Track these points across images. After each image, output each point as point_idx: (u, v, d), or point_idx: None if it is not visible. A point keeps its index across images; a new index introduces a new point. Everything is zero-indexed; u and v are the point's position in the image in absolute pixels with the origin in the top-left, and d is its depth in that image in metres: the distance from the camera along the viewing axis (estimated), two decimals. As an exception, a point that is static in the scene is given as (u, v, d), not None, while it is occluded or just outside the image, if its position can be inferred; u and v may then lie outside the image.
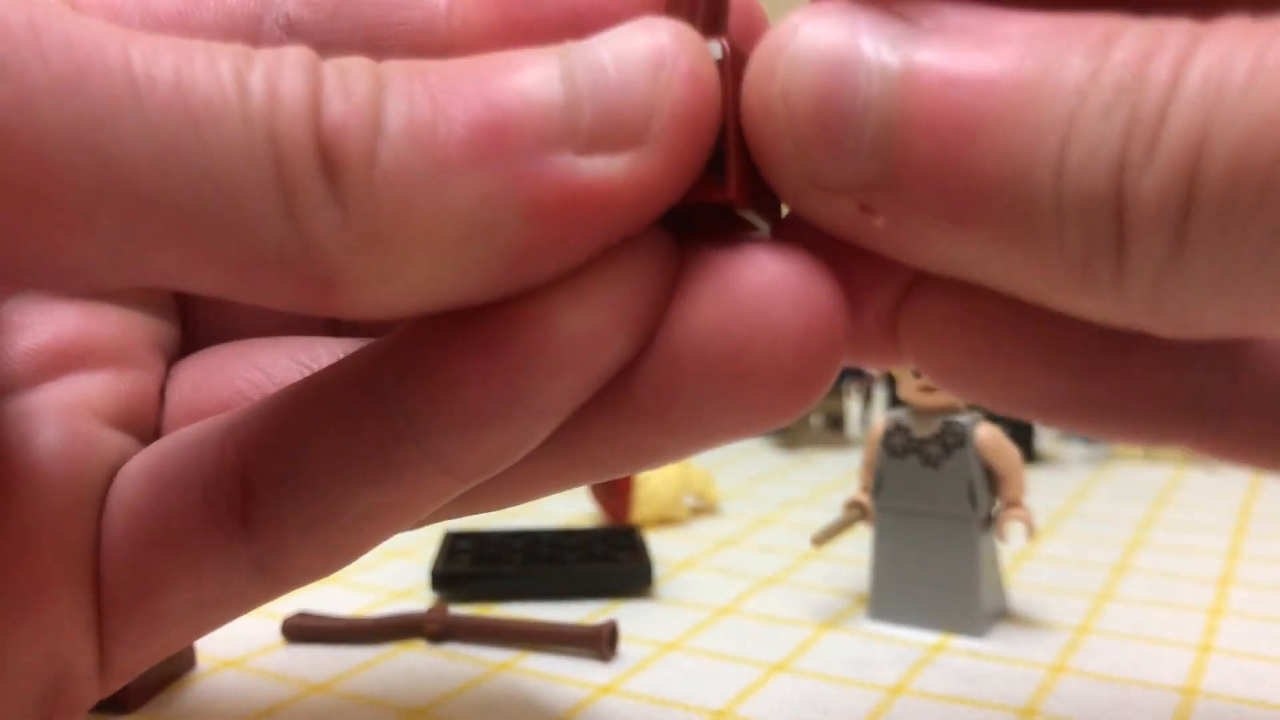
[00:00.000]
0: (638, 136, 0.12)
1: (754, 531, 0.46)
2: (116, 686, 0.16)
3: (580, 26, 0.14)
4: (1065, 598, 0.36)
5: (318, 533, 0.15)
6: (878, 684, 0.30)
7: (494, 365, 0.13)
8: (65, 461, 0.15)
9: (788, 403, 0.13)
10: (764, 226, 0.15)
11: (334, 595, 0.38)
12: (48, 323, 0.17)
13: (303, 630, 0.33)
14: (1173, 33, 0.11)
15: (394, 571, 0.40)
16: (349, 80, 0.12)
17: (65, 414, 0.16)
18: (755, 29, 0.15)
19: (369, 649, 0.33)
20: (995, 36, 0.12)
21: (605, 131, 0.12)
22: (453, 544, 0.40)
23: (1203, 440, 0.15)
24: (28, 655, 0.15)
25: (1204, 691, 0.29)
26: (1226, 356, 0.14)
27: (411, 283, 0.12)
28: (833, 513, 0.36)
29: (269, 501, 0.15)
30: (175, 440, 0.16)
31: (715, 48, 0.13)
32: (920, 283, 0.15)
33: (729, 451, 0.64)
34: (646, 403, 0.14)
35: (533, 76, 0.12)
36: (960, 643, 0.33)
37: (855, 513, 0.36)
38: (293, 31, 0.16)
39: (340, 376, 0.15)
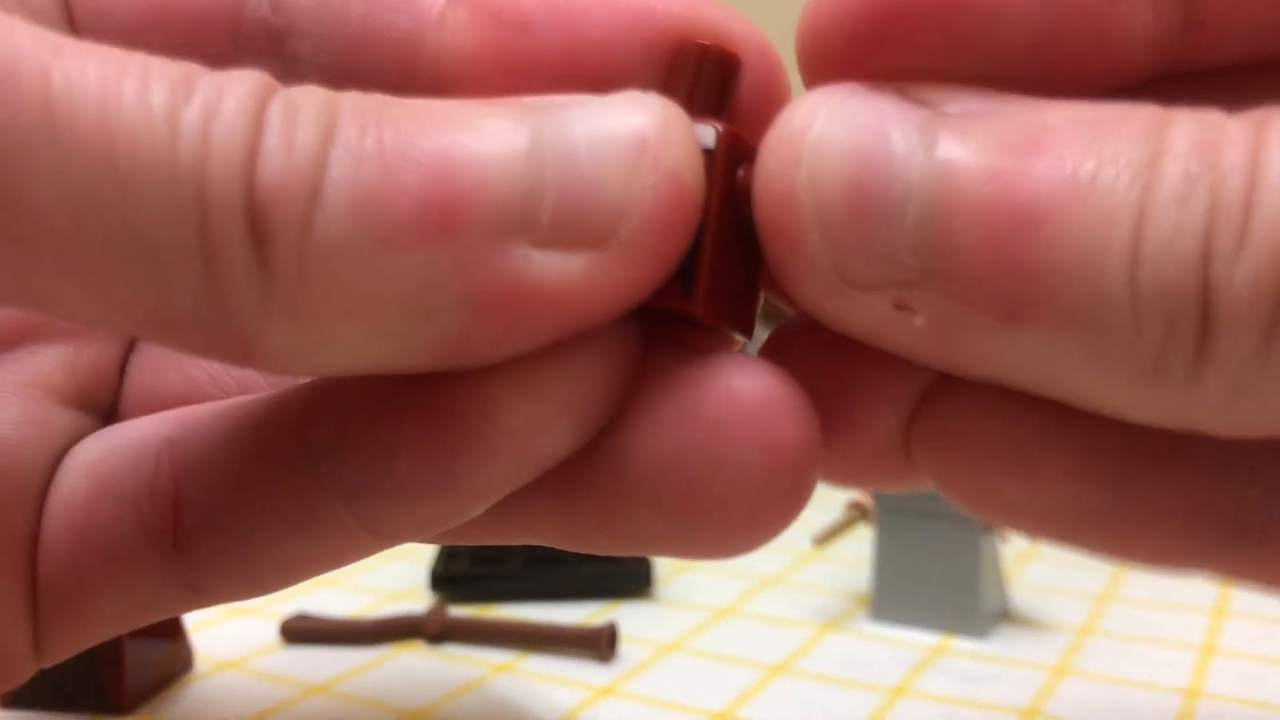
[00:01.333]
0: (602, 238, 0.11)
1: (754, 532, 0.46)
2: (53, 664, 0.16)
3: (575, 65, 0.14)
4: (1067, 599, 0.36)
5: (242, 570, 0.15)
6: (879, 685, 0.30)
7: (428, 443, 0.12)
8: (14, 447, 0.15)
9: (740, 543, 0.13)
10: (739, 338, 0.14)
11: (333, 596, 0.38)
12: None
13: (301, 631, 0.33)
14: (1228, 121, 0.10)
15: (393, 572, 0.40)
16: (294, 131, 0.11)
17: (18, 394, 0.16)
18: (773, 99, 0.14)
19: (368, 650, 0.33)
20: (1034, 123, 0.11)
21: (566, 228, 0.11)
22: (452, 545, 0.39)
23: (1237, 563, 0.14)
24: None
25: (1206, 693, 0.29)
26: (1264, 469, 0.13)
27: (334, 356, 0.11)
28: (834, 513, 0.36)
29: (198, 531, 0.14)
30: (117, 441, 0.16)
31: (707, 133, 0.12)
32: (937, 393, 0.13)
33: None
34: (590, 508, 0.13)
35: (496, 149, 0.11)
36: (962, 644, 0.32)
37: (856, 513, 0.36)
38: (273, 24, 0.15)
39: (273, 418, 0.14)
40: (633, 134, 0.11)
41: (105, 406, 0.17)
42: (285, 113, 0.11)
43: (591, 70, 0.14)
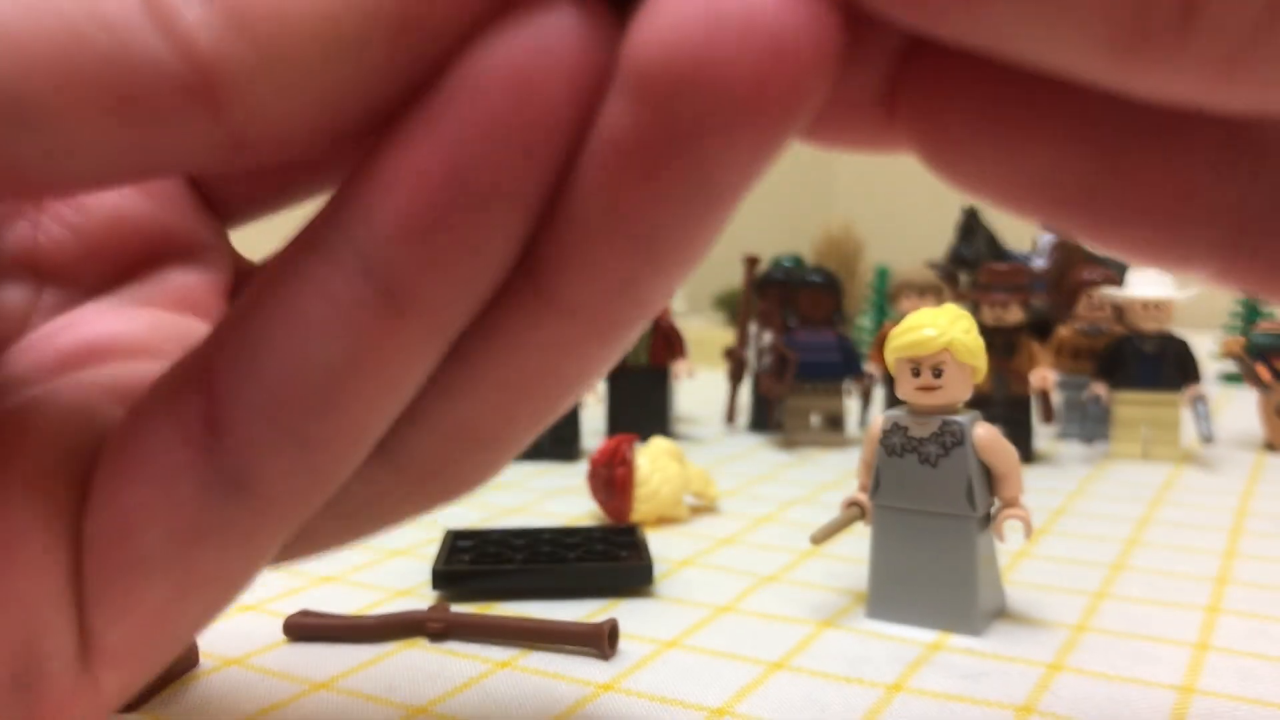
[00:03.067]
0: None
1: (753, 530, 0.46)
2: (111, 685, 0.15)
3: None
4: (1063, 596, 0.37)
5: (285, 419, 0.13)
6: (876, 682, 0.30)
7: (442, 155, 0.12)
8: (58, 423, 0.15)
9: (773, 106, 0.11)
10: None
11: (336, 594, 0.38)
12: (73, 333, 0.17)
13: (305, 629, 0.33)
14: None
15: (395, 570, 0.40)
16: None
17: (72, 387, 0.16)
18: None
19: (371, 647, 0.33)
20: None
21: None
22: (454, 543, 0.40)
23: (1233, 267, 0.13)
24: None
25: (1201, 690, 0.29)
26: (1270, 169, 0.12)
27: (293, 79, 0.11)
28: (831, 512, 0.37)
29: (231, 397, 0.14)
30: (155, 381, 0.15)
31: None
32: (923, 45, 0.13)
33: (729, 451, 0.65)
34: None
35: None
36: (958, 641, 0.33)
37: (854, 512, 0.36)
38: None
39: (285, 251, 0.14)
40: None
41: None
42: None
43: None
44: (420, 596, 0.37)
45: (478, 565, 0.37)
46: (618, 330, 0.14)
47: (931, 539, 0.34)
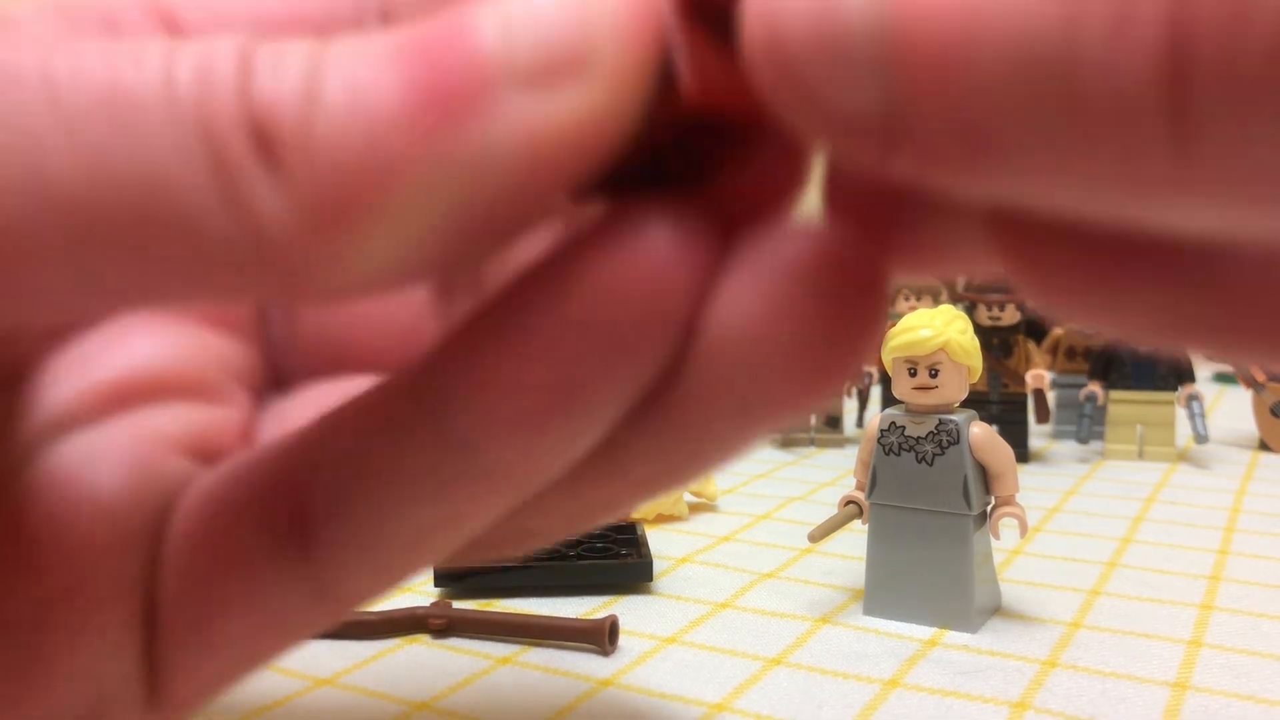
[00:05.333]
0: (579, 68, 0.11)
1: (752, 528, 0.46)
2: (176, 715, 0.16)
3: None
4: (1058, 593, 0.37)
5: (374, 552, 0.14)
6: (873, 678, 0.30)
7: (548, 365, 0.13)
8: (126, 489, 0.15)
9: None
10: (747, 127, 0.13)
11: (337, 590, 0.38)
12: (119, 354, 0.17)
13: (307, 625, 0.34)
14: None
15: (396, 567, 0.40)
16: (283, 56, 0.11)
17: (130, 441, 0.16)
18: None
19: (373, 643, 0.33)
20: None
21: (543, 64, 0.11)
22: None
23: None
24: (73, 684, 0.15)
25: (1194, 686, 0.29)
26: None
27: (370, 256, 0.11)
28: (829, 510, 0.37)
29: (325, 522, 0.14)
30: (232, 465, 0.16)
31: None
32: (1018, 228, 0.12)
33: (726, 449, 0.65)
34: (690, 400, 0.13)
35: (468, 17, 0.11)
36: (954, 637, 0.33)
37: (851, 510, 0.36)
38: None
39: (388, 391, 0.14)
40: None
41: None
42: (273, 50, 0.11)
43: None
44: (422, 593, 0.38)
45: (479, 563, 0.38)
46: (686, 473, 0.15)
47: (928, 537, 0.34)
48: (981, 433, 0.34)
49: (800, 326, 0.12)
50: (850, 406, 0.69)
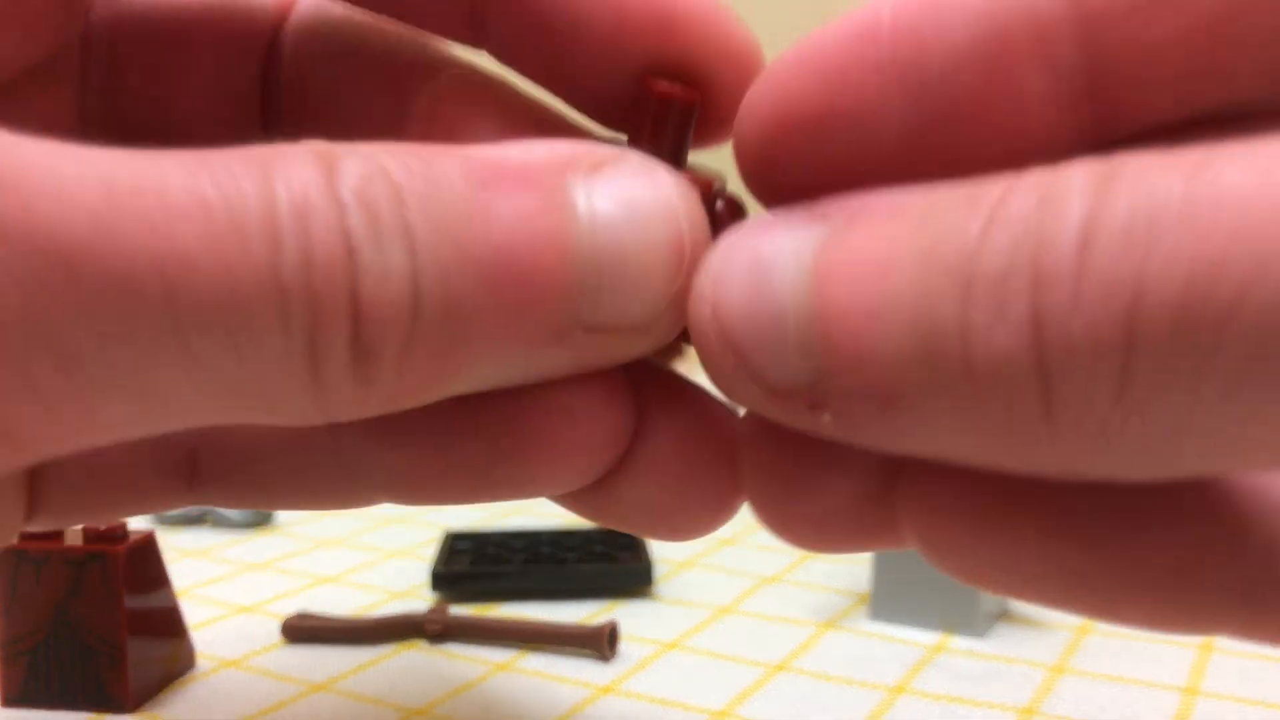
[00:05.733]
0: (640, 329, 0.14)
1: (754, 530, 0.46)
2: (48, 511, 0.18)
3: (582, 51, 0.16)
4: (1065, 597, 0.36)
5: (248, 498, 0.19)
6: (878, 683, 0.30)
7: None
8: None
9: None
10: None
11: (334, 595, 0.38)
12: None
13: (303, 630, 0.33)
14: (1076, 172, 0.10)
15: (394, 571, 0.40)
16: (383, 252, 0.12)
17: None
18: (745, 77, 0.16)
19: (369, 649, 0.33)
20: (892, 212, 0.12)
21: (611, 324, 0.14)
22: (453, 544, 0.40)
23: (1254, 621, 0.13)
24: None
25: (1204, 691, 0.29)
26: (1253, 529, 0.13)
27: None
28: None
29: (209, 468, 0.18)
30: None
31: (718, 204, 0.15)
32: (905, 466, 0.14)
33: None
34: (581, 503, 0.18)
35: (556, 258, 0.13)
36: (961, 642, 0.33)
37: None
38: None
39: None
40: (671, 244, 0.14)
41: None
42: (369, 223, 0.12)
43: (597, 57, 0.16)
44: (419, 598, 0.37)
45: (477, 566, 0.37)
46: None
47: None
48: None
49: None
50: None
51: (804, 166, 0.14)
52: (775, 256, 0.12)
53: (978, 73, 0.12)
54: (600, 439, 0.16)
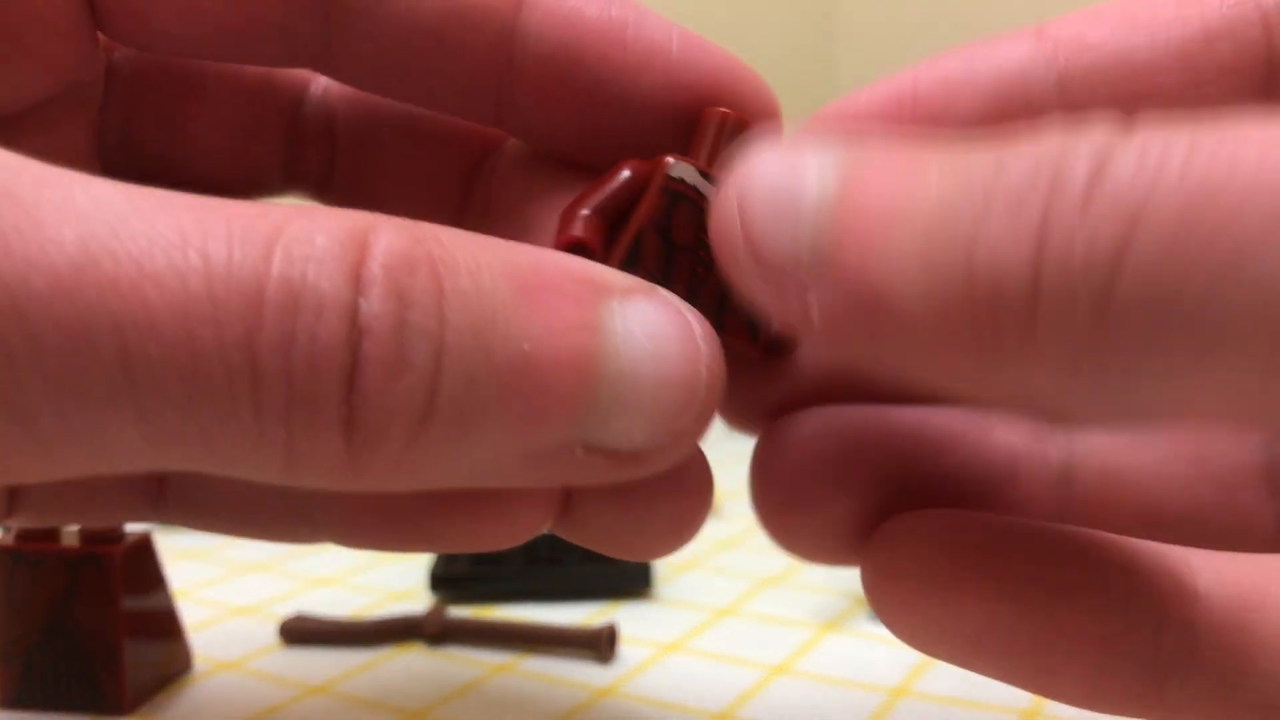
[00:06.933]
0: (640, 460, 0.14)
1: (754, 532, 0.46)
2: None
3: (619, 111, 0.17)
4: (1067, 599, 0.36)
5: (206, 522, 0.21)
6: (879, 685, 0.29)
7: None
8: None
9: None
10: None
11: (332, 597, 0.37)
12: None
13: (300, 632, 0.33)
14: (1099, 119, 0.11)
15: (392, 573, 0.40)
16: (406, 341, 0.12)
17: None
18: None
19: (367, 651, 0.33)
20: (926, 140, 0.13)
21: (614, 450, 0.14)
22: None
23: (1172, 708, 0.14)
24: None
25: (1207, 693, 0.29)
26: (1173, 613, 0.14)
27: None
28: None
29: (176, 494, 0.20)
30: None
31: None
32: (882, 524, 0.16)
33: (729, 452, 0.64)
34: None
35: (586, 375, 0.13)
36: (961, 644, 0.32)
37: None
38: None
39: None
40: (689, 382, 0.14)
41: None
42: (393, 310, 0.12)
43: (634, 114, 0.17)
44: (417, 599, 0.37)
45: (475, 567, 0.37)
46: None
47: (934, 541, 0.33)
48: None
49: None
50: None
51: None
52: (809, 154, 0.13)
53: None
54: (539, 500, 0.17)
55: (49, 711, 0.28)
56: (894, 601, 0.16)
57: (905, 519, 0.16)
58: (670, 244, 0.16)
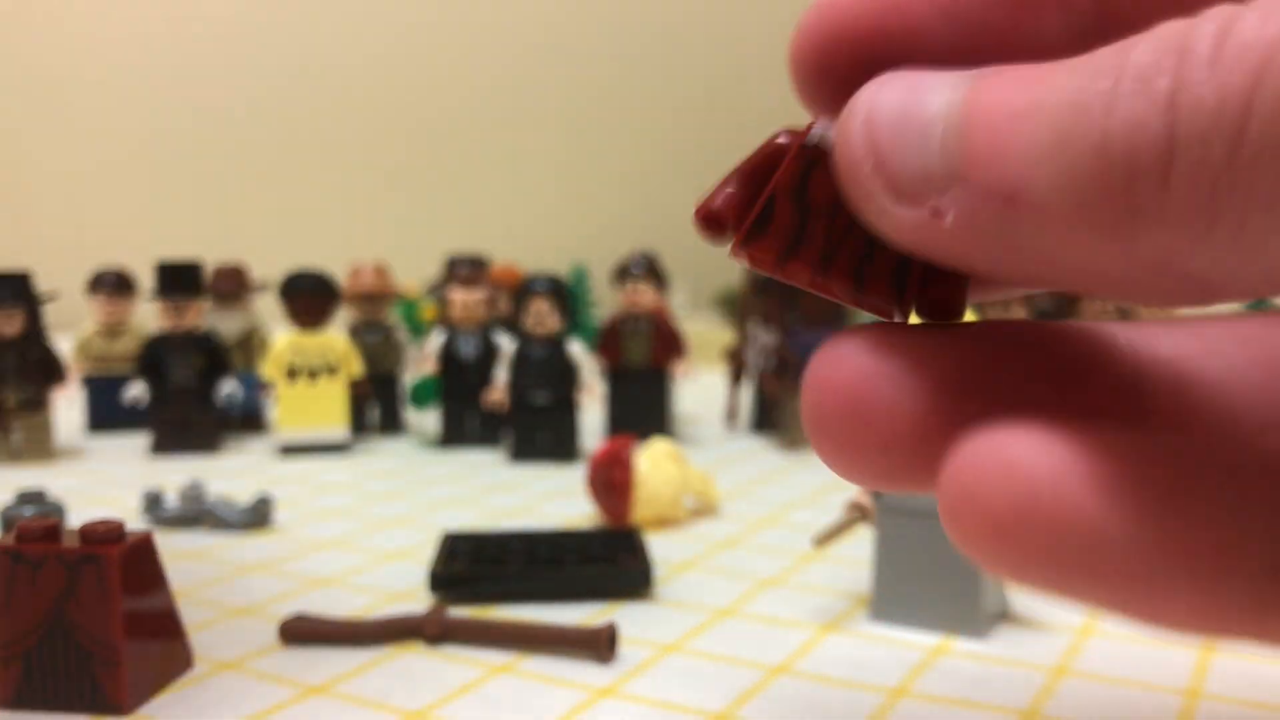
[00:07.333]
0: None
1: (754, 533, 0.46)
2: None
3: None
4: (1067, 599, 0.36)
5: None
6: (879, 686, 0.29)
7: None
8: None
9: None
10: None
11: (332, 597, 0.37)
12: None
13: (300, 632, 0.33)
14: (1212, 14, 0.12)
15: (392, 573, 0.40)
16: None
17: None
18: None
19: (367, 651, 0.32)
20: (1028, 69, 0.13)
21: None
22: (451, 545, 0.39)
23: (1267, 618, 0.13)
24: None
25: (1207, 694, 0.29)
26: None
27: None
28: (833, 514, 0.36)
29: None
30: None
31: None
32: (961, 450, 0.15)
33: (729, 452, 0.64)
34: None
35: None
36: (962, 644, 0.32)
37: (856, 514, 0.35)
38: None
39: None
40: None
41: None
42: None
43: None
44: (417, 600, 0.37)
45: (475, 568, 0.37)
46: None
47: (935, 541, 0.33)
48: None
49: None
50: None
51: (851, 79, 0.15)
52: (934, 79, 0.14)
53: (1004, 10, 0.15)
54: None
55: (49, 711, 0.28)
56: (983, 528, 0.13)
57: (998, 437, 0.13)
58: (805, 207, 0.16)
